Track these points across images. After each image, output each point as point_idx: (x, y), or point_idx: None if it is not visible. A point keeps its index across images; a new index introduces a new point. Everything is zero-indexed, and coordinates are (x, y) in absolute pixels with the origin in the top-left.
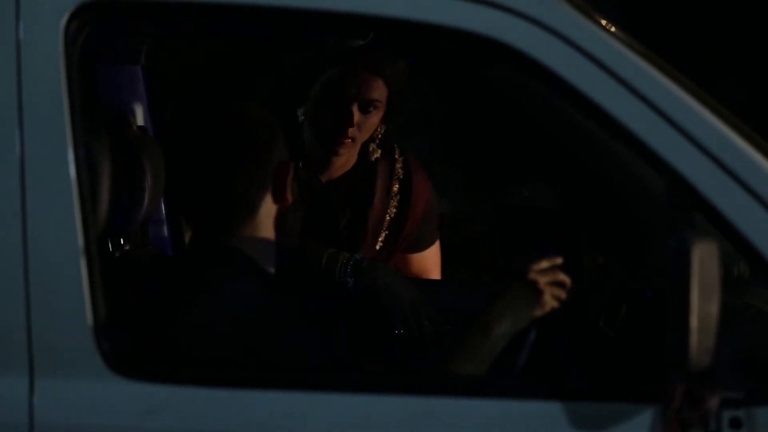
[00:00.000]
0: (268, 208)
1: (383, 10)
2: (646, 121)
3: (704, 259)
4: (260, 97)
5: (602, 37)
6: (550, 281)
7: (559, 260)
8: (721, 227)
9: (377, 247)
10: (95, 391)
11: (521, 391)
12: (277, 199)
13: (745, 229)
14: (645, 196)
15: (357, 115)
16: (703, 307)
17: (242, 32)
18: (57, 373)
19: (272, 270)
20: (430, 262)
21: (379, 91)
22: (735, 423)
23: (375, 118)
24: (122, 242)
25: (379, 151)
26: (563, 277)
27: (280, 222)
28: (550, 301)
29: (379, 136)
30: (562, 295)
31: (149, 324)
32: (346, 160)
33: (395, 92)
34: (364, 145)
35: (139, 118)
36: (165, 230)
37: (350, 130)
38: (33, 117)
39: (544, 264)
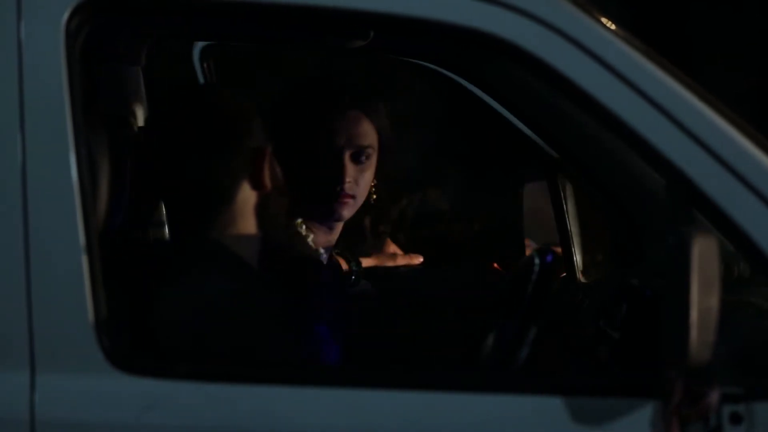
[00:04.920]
0: (246, 196)
1: (382, 7)
2: (646, 118)
3: (704, 254)
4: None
5: (602, 33)
6: None
7: None
8: (721, 224)
9: None
10: (96, 386)
11: (522, 387)
12: (255, 186)
13: (745, 226)
14: (645, 194)
15: (351, 167)
16: (703, 302)
17: (243, 33)
18: (58, 369)
19: (254, 259)
20: None
21: (371, 136)
22: (735, 418)
23: (369, 172)
24: (123, 240)
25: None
26: None
27: (261, 210)
28: None
29: (374, 197)
30: None
31: (141, 319)
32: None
33: (385, 137)
34: None
35: (140, 120)
36: (165, 229)
37: (347, 185)
38: (34, 115)
39: None
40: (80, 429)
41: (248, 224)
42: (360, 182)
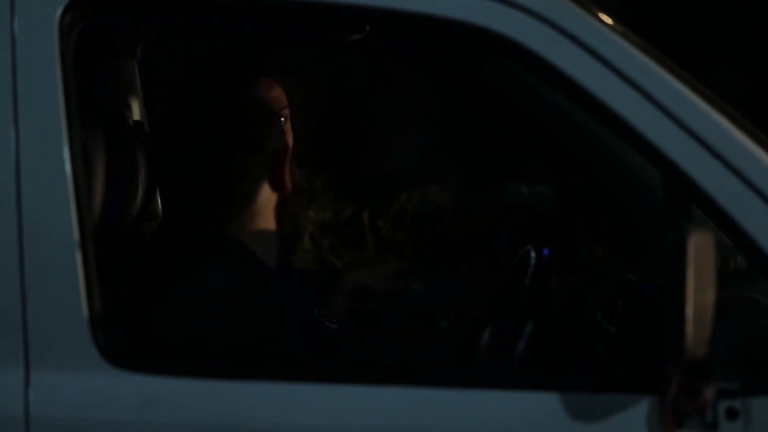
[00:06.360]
0: (266, 197)
1: (380, 3)
2: (644, 115)
3: (700, 250)
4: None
5: (599, 29)
6: None
7: None
8: (719, 220)
9: None
10: (91, 383)
11: (520, 383)
12: (275, 187)
13: (743, 222)
14: (644, 190)
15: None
16: (698, 297)
17: (239, 29)
18: (53, 366)
19: (273, 258)
20: None
21: (283, 98)
22: (731, 413)
23: (290, 135)
24: (117, 236)
25: None
26: None
27: (281, 210)
28: None
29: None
30: None
31: (143, 316)
32: None
33: (290, 98)
34: None
35: (136, 114)
36: (161, 225)
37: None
38: (28, 111)
39: None
40: (75, 426)
41: (266, 223)
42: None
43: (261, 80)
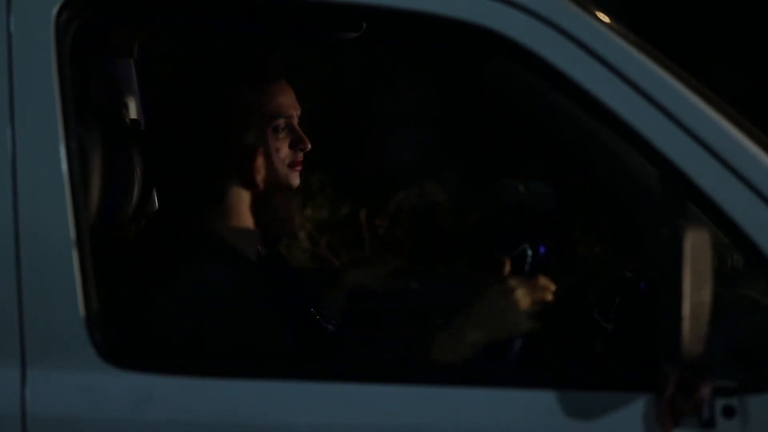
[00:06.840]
0: (240, 194)
1: (380, 1)
2: (644, 114)
3: (696, 247)
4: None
5: (599, 29)
6: (531, 292)
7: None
8: (717, 218)
9: None
10: (88, 381)
11: (516, 381)
12: (246, 185)
13: (740, 220)
14: (642, 188)
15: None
16: (695, 295)
17: (235, 27)
18: (49, 364)
19: (252, 255)
20: None
21: (296, 103)
22: (728, 411)
23: None
24: (114, 235)
25: None
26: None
27: (259, 207)
28: (528, 309)
29: None
30: (547, 298)
31: (140, 314)
32: None
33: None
34: None
35: (132, 112)
36: (156, 224)
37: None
38: (24, 109)
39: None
40: (72, 424)
41: (245, 221)
42: None
43: (248, 80)
